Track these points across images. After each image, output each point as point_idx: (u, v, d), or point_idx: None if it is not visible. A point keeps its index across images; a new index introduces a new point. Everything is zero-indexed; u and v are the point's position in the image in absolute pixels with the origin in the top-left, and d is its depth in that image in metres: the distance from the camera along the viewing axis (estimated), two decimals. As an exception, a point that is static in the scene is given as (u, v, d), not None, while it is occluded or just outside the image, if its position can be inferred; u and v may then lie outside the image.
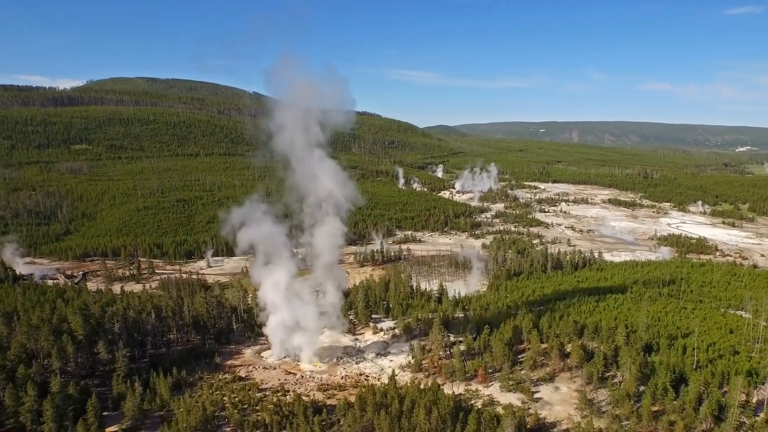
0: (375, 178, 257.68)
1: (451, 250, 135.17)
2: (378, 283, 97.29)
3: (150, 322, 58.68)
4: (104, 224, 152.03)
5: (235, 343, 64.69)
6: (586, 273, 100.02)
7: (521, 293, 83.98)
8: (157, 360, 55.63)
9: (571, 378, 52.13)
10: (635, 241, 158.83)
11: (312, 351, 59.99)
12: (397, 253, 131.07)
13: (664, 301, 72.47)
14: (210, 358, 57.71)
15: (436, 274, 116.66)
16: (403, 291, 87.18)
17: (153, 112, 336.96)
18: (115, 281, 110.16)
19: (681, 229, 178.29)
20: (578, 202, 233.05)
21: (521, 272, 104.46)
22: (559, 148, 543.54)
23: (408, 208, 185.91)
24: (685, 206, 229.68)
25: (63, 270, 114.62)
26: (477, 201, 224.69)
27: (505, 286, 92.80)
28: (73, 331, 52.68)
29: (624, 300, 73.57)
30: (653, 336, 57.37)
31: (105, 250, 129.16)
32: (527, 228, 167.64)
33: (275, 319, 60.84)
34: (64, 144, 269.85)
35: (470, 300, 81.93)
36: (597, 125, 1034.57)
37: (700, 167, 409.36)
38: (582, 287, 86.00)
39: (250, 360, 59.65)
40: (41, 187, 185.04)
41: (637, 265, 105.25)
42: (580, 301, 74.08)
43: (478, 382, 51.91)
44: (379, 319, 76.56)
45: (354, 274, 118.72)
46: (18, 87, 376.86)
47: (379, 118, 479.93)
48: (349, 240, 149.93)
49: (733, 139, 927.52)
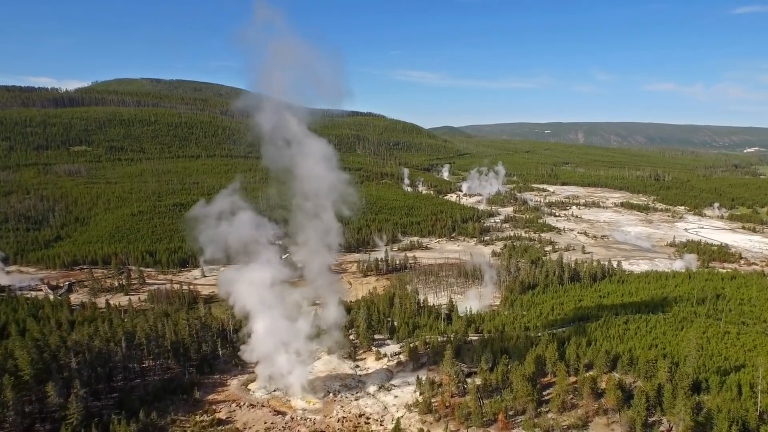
0: (380, 180, 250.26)
1: (460, 258, 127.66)
2: (382, 296, 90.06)
3: (119, 352, 51.44)
4: (97, 230, 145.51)
5: (220, 372, 57.41)
6: (607, 286, 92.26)
7: (539, 311, 76.42)
8: (126, 396, 48.48)
9: (608, 424, 44.54)
10: (653, 248, 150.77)
11: (305, 382, 52.59)
12: (402, 262, 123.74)
13: (702, 323, 64.72)
14: (188, 393, 50.51)
15: (444, 285, 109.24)
16: (410, 307, 79.81)
17: (154, 113, 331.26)
18: (102, 293, 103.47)
19: (700, 234, 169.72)
20: (589, 206, 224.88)
21: (536, 284, 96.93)
22: (566, 149, 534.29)
23: (414, 212, 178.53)
24: (700, 210, 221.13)
25: (47, 280, 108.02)
26: (485, 204, 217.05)
27: (520, 301, 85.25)
28: (18, 370, 45.12)
29: (656, 322, 65.86)
30: (699, 369, 49.74)
31: (95, 258, 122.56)
32: (538, 233, 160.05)
33: (260, 343, 52.92)
34: (63, 145, 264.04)
35: (483, 318, 74.42)
36: (603, 126, 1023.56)
37: (710, 169, 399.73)
38: (605, 304, 78.37)
39: (235, 394, 52.38)
40: (36, 191, 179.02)
41: (661, 277, 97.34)
42: (606, 322, 66.48)
43: (498, 429, 44.39)
44: (383, 341, 69.19)
45: (357, 285, 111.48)
46: (20, 88, 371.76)
47: (384, 119, 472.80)
48: (352, 247, 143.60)
49: (741, 140, 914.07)
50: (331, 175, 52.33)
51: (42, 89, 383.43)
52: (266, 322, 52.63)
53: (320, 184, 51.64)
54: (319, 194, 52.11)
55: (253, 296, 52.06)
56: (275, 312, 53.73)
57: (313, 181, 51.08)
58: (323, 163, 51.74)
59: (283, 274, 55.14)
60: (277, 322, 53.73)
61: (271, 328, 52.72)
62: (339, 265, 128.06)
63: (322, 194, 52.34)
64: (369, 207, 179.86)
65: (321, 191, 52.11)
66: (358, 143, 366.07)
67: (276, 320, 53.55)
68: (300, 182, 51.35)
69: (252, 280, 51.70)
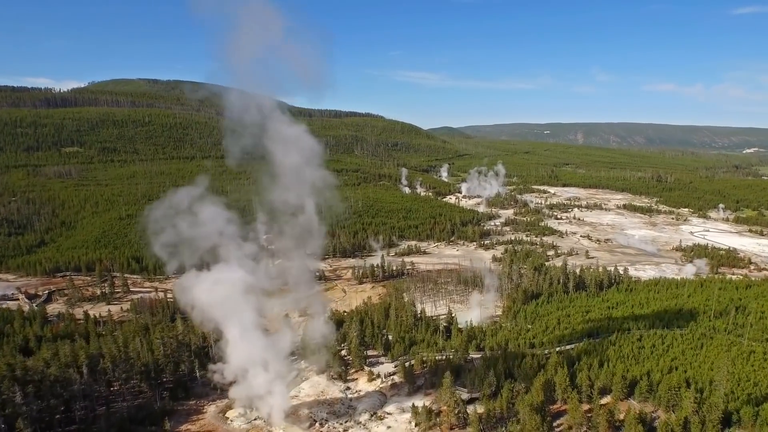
0: (377, 182, 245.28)
1: (459, 264, 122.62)
2: (377, 306, 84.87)
3: (78, 381, 45.95)
4: (83, 234, 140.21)
5: (197, 397, 52.13)
6: (616, 295, 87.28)
7: (544, 324, 71.34)
8: (86, 429, 43.27)
9: (628, 464, 39.66)
10: (658, 252, 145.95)
11: (287, 410, 47.27)
12: (399, 268, 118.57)
13: (723, 341, 59.71)
14: (158, 424, 45.28)
15: (443, 293, 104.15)
16: (406, 320, 74.69)
17: (149, 114, 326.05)
18: (82, 302, 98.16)
19: (707, 238, 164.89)
20: (591, 208, 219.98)
21: (540, 293, 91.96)
22: (566, 149, 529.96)
23: (412, 215, 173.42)
24: (705, 212, 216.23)
25: (25, 289, 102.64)
26: (485, 206, 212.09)
27: (523, 312, 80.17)
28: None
29: (673, 339, 60.84)
30: (727, 396, 44.70)
31: (78, 265, 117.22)
32: (540, 237, 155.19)
33: (231, 360, 46.80)
34: (54, 146, 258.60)
35: (485, 333, 69.34)
36: (602, 126, 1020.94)
37: (710, 169, 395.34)
38: (615, 316, 73.32)
39: (211, 424, 47.19)
40: (22, 193, 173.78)
41: (672, 286, 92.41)
42: (618, 338, 61.43)
43: (503, 466, 39.53)
44: (377, 358, 64.02)
45: (351, 293, 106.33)
46: (11, 88, 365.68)
47: (383, 120, 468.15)
48: (347, 252, 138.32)
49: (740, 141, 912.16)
50: (311, 166, 46.08)
51: (35, 89, 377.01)
52: (237, 335, 46.28)
53: (298, 176, 45.39)
54: (296, 186, 45.76)
55: (220, 302, 44.38)
56: (248, 322, 46.67)
57: (290, 172, 44.84)
58: (301, 151, 45.53)
59: (261, 279, 48.48)
60: (251, 334, 47.07)
61: (244, 343, 46.34)
62: (334, 271, 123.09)
63: (300, 186, 46.03)
64: (365, 210, 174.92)
65: (299, 183, 45.78)
66: (356, 144, 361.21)
67: (249, 332, 46.92)
68: (277, 175, 45.17)
69: (218, 281, 44.44)
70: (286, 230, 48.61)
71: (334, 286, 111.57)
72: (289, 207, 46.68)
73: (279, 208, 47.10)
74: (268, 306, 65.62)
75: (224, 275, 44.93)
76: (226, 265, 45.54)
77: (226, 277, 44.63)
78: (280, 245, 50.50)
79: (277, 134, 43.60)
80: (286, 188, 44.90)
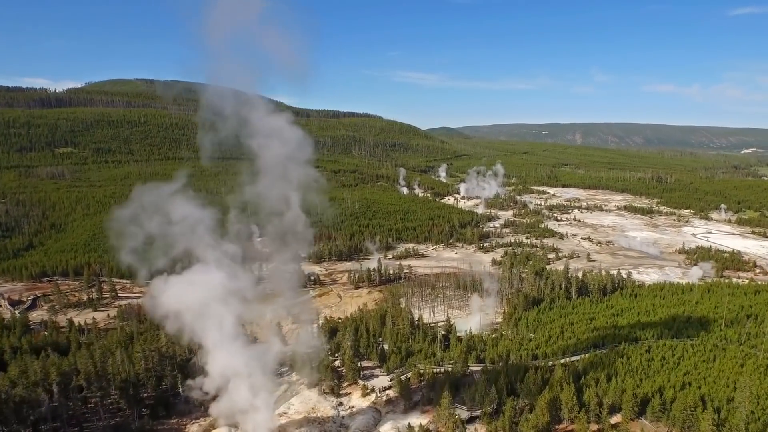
0: (375, 182, 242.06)
1: (458, 267, 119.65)
2: (373, 313, 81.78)
3: (46, 402, 42.67)
4: (72, 237, 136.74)
5: (179, 415, 48.96)
6: (620, 301, 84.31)
7: (547, 333, 68.26)
8: (56, 454, 40.19)
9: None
10: (661, 255, 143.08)
11: (273, 429, 44.01)
12: (396, 272, 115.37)
13: (737, 353, 56.70)
14: (135, 447, 42.29)
15: (441, 298, 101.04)
16: (403, 328, 71.56)
17: (144, 114, 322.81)
18: (68, 308, 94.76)
19: (709, 240, 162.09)
20: (591, 209, 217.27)
21: (541, 299, 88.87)
22: (564, 150, 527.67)
23: (410, 217, 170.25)
24: (706, 213, 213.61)
25: (8, 295, 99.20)
26: (483, 208, 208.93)
27: (524, 319, 77.09)
28: None
29: (683, 350, 57.80)
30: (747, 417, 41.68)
31: (66, 269, 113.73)
32: (540, 239, 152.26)
33: (210, 373, 43.07)
34: (48, 147, 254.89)
35: (485, 343, 66.23)
36: (600, 127, 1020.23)
37: (709, 170, 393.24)
38: (620, 324, 70.32)
39: (192, 446, 44.17)
40: (13, 195, 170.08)
41: (677, 291, 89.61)
42: (626, 349, 58.37)
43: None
44: (372, 370, 60.89)
45: (347, 298, 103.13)
46: (6, 88, 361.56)
47: (381, 120, 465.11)
48: (344, 255, 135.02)
49: (738, 141, 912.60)
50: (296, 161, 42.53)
51: (30, 89, 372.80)
52: (216, 344, 42.50)
53: (281, 172, 41.84)
54: (279, 183, 42.25)
55: (195, 307, 40.40)
56: (228, 330, 42.50)
57: (272, 167, 41.39)
58: (285, 144, 41.96)
59: (243, 282, 44.66)
60: (231, 344, 43.21)
61: (223, 353, 42.60)
62: (329, 275, 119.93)
63: (283, 184, 42.51)
64: (363, 211, 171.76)
65: (282, 179, 42.25)
66: (354, 144, 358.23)
67: (229, 341, 43.07)
68: (258, 172, 41.81)
69: (191, 284, 40.58)
70: (270, 231, 45.22)
71: (329, 290, 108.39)
72: (272, 206, 43.28)
73: (264, 208, 43.78)
74: (258, 313, 62.47)
75: (199, 277, 41.20)
76: (202, 267, 41.85)
77: (201, 279, 40.94)
78: (270, 247, 46.97)
79: (257, 125, 40.25)
80: (269, 186, 41.47)
